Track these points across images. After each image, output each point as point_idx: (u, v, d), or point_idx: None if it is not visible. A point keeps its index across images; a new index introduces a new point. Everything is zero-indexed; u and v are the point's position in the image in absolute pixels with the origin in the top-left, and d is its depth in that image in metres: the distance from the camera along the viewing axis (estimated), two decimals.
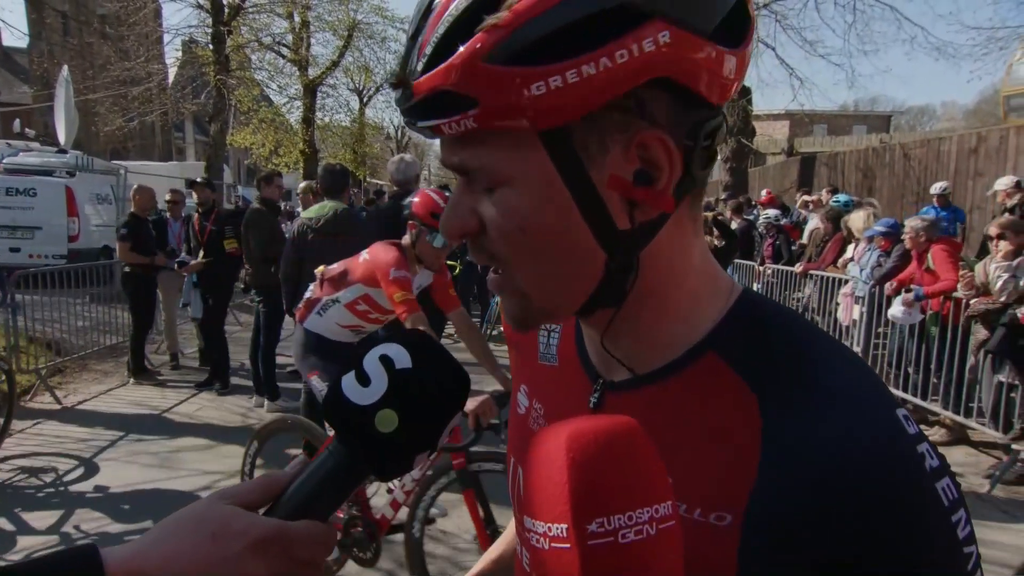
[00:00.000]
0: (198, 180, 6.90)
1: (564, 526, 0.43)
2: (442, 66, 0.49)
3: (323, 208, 4.60)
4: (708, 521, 0.52)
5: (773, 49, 14.77)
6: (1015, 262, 4.53)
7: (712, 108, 0.54)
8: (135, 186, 6.97)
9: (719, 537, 0.51)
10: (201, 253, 6.30)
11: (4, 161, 11.29)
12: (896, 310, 5.43)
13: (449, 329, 8.45)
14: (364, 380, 0.52)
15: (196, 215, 6.51)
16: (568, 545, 0.43)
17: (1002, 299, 4.50)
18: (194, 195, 6.74)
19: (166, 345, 7.20)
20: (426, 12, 0.52)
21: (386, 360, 0.52)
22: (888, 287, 5.60)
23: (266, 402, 5.63)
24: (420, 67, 0.51)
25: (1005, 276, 4.50)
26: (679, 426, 0.56)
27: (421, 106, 0.52)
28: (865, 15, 14.57)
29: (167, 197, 7.27)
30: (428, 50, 0.50)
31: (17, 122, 17.66)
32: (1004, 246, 4.58)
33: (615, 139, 0.51)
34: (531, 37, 0.47)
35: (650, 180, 0.52)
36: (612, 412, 0.58)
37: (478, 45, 0.48)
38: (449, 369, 0.54)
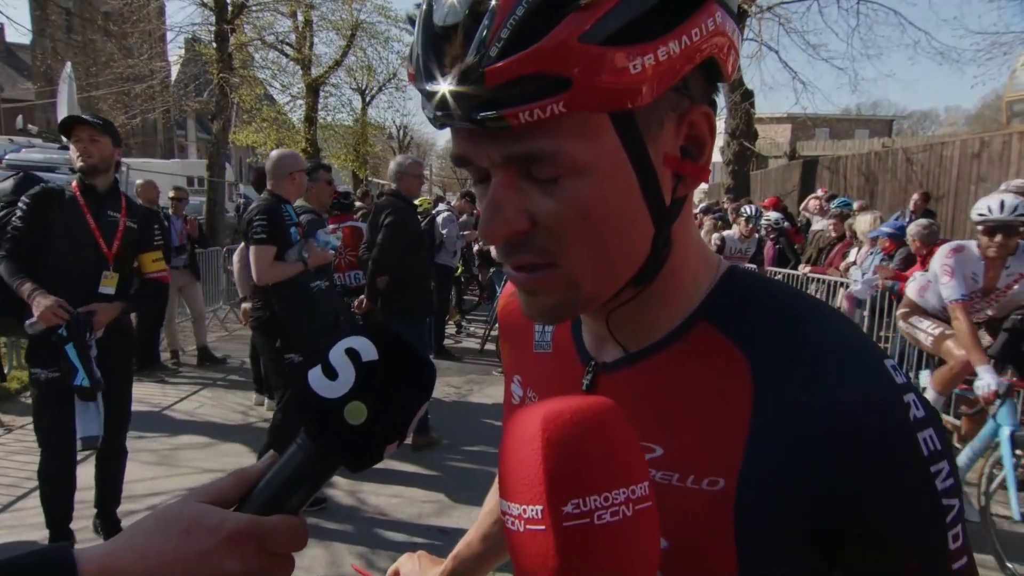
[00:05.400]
0: None
1: (539, 507, 0.42)
2: (532, 48, 0.47)
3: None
4: (701, 488, 0.52)
5: (776, 52, 14.78)
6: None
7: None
8: (140, 181, 6.95)
9: (714, 502, 0.51)
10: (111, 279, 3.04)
11: (7, 157, 11.29)
12: (855, 286, 5.53)
13: (449, 329, 8.54)
14: (331, 374, 0.52)
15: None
16: (543, 527, 0.42)
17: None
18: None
19: (166, 343, 7.20)
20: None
21: (352, 353, 0.52)
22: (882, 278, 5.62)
23: (266, 400, 5.63)
24: (495, 51, 0.48)
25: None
26: (671, 398, 0.56)
27: (493, 93, 0.48)
28: (869, 19, 14.52)
29: (170, 194, 7.26)
30: (505, 33, 0.48)
31: (20, 118, 17.69)
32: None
33: (669, 117, 0.53)
34: (626, 17, 0.48)
35: (693, 155, 0.55)
36: (604, 392, 0.58)
37: (574, 24, 0.47)
38: (415, 359, 0.54)
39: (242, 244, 4.29)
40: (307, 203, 4.26)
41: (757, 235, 6.83)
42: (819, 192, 10.26)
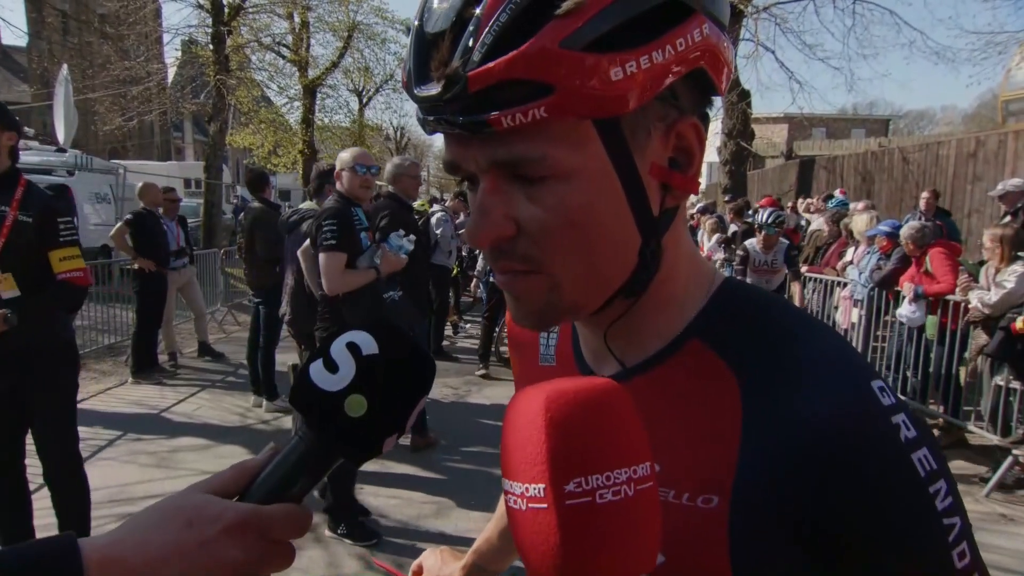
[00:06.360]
0: None
1: (542, 486, 0.43)
2: (514, 53, 0.47)
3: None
4: (696, 505, 0.53)
5: (773, 52, 14.82)
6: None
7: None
8: (140, 184, 6.92)
9: (708, 520, 0.52)
10: None
11: None
12: (905, 309, 5.43)
13: (447, 330, 8.54)
14: (332, 367, 0.53)
15: None
16: (546, 505, 0.43)
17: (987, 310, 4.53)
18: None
19: (163, 345, 7.19)
20: (469, 2, 0.50)
21: (353, 347, 0.53)
22: (908, 292, 5.50)
23: (264, 402, 5.62)
24: (478, 56, 0.48)
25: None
26: (665, 415, 0.57)
27: (477, 98, 0.49)
28: (864, 19, 14.65)
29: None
30: (488, 38, 0.48)
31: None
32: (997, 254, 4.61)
33: (656, 127, 0.53)
34: (608, 24, 0.48)
35: (681, 166, 0.55)
36: None
37: (556, 31, 0.47)
38: (414, 354, 0.55)
39: (300, 251, 3.88)
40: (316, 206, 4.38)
41: (786, 243, 6.01)
42: (837, 193, 9.97)
